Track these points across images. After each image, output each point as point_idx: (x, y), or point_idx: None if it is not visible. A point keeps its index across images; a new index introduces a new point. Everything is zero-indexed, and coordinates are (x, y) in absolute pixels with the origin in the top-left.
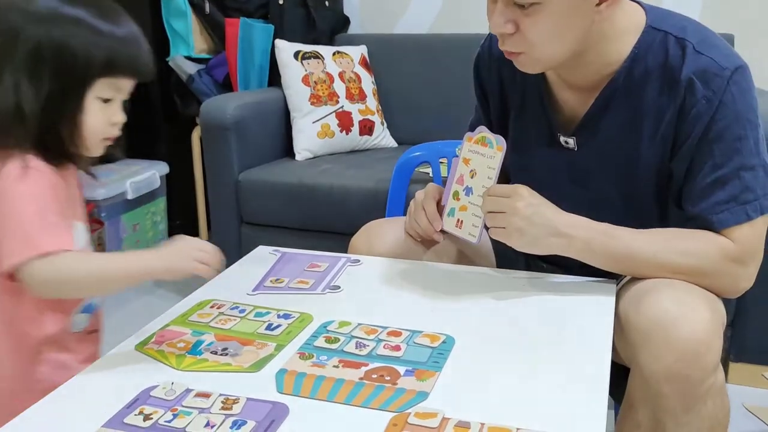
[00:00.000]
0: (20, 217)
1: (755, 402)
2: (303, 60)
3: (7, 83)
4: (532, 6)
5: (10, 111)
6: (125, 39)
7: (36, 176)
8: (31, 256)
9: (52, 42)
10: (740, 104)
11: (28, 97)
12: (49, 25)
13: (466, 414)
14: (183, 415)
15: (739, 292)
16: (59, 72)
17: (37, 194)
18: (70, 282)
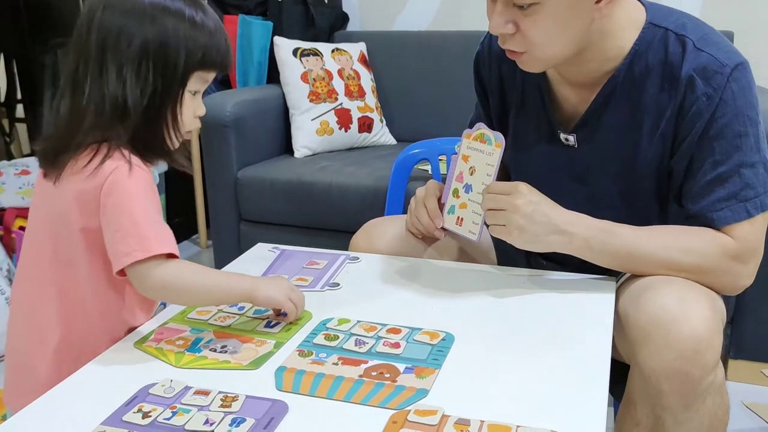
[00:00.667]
0: (132, 216)
1: (755, 399)
2: (302, 57)
3: (112, 78)
4: (531, 6)
5: (116, 106)
6: (215, 31)
7: (139, 173)
8: (147, 257)
9: (157, 37)
10: (740, 101)
11: (135, 94)
12: (155, 20)
13: (466, 411)
14: (182, 412)
15: (739, 290)
16: (163, 67)
17: (143, 192)
18: (180, 290)
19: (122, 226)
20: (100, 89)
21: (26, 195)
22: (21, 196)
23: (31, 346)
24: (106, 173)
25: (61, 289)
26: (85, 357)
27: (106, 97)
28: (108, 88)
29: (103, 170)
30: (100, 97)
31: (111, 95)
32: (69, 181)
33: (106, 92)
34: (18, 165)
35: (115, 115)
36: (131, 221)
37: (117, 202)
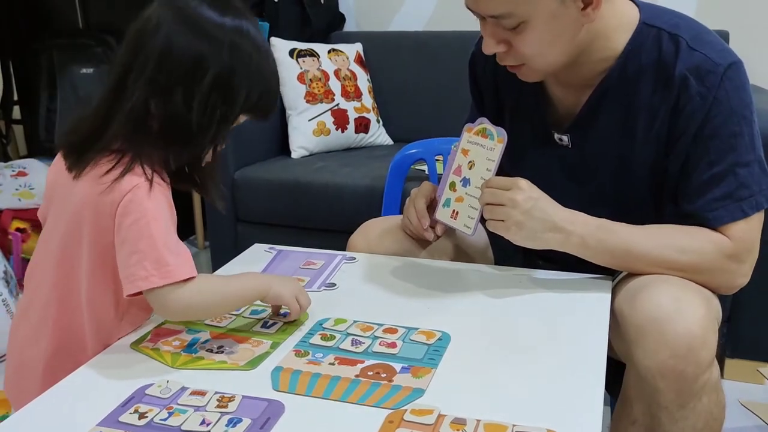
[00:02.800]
0: (152, 240)
1: (751, 398)
2: (298, 58)
3: (169, 98)
4: (519, 25)
5: (165, 126)
6: (272, 80)
7: (159, 192)
8: (167, 283)
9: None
10: (734, 100)
11: (189, 120)
12: (231, 54)
13: (462, 411)
14: (178, 413)
15: (735, 289)
16: (229, 101)
17: (161, 213)
18: (202, 308)
19: (139, 248)
20: (147, 100)
21: (23, 197)
22: (18, 198)
23: (29, 346)
24: (125, 190)
25: (61, 294)
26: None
27: (153, 112)
28: (161, 105)
29: (122, 186)
30: (145, 109)
31: (161, 113)
32: (87, 184)
33: (157, 108)
34: (15, 166)
35: (154, 129)
36: (150, 245)
37: (135, 223)
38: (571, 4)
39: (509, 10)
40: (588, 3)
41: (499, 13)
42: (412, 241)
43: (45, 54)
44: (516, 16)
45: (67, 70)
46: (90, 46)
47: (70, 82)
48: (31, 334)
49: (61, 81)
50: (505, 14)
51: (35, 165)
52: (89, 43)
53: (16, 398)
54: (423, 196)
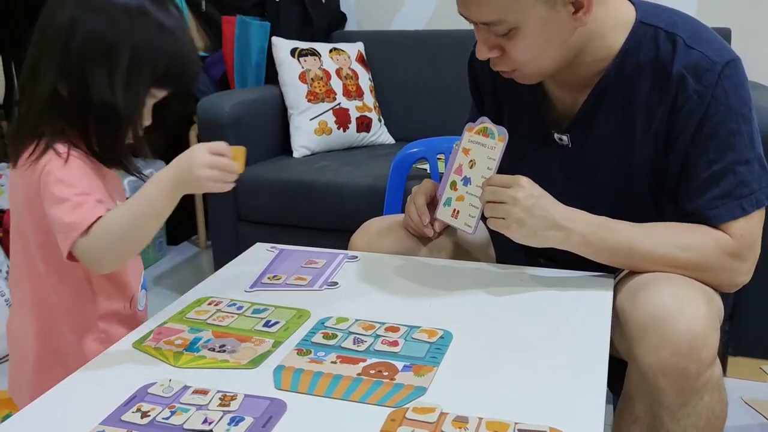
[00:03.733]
0: (62, 205)
1: (754, 395)
2: (300, 57)
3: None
4: (510, 31)
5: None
6: (178, 52)
7: (75, 165)
8: (75, 237)
9: (134, 46)
10: (733, 98)
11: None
12: (122, 26)
13: (465, 409)
14: (181, 411)
15: (737, 287)
16: (132, 75)
17: (77, 178)
18: (115, 243)
19: (55, 214)
20: (56, 84)
21: None
22: None
23: (20, 337)
24: (41, 168)
25: (30, 281)
26: (63, 349)
27: (60, 92)
28: (70, 87)
29: (39, 165)
30: (55, 92)
31: (72, 95)
32: (21, 170)
33: (64, 88)
34: None
35: (69, 111)
36: (61, 209)
37: (49, 192)
38: (561, 9)
39: (500, 17)
40: (579, 7)
41: (490, 20)
42: (413, 240)
43: None
44: (507, 22)
45: None
46: None
47: None
48: (19, 328)
49: None
50: (496, 21)
51: None
52: None
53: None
54: (423, 193)
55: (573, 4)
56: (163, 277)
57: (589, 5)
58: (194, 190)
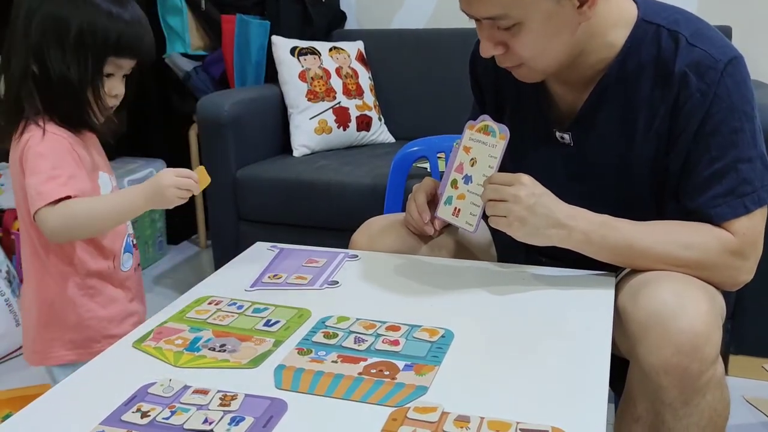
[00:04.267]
0: (36, 176)
1: (756, 394)
2: (299, 56)
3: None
4: (514, 26)
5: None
6: (131, 23)
7: (53, 138)
8: (40, 206)
9: (79, 26)
10: (735, 96)
11: (58, 71)
12: (78, 10)
13: (466, 408)
14: (181, 411)
15: (739, 285)
16: (84, 51)
17: (53, 153)
18: (77, 225)
19: (30, 184)
20: (26, 67)
21: None
22: None
23: (26, 301)
24: (24, 143)
25: (29, 246)
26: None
27: (30, 73)
28: (40, 65)
29: (21, 141)
30: (27, 73)
31: (42, 73)
32: (11, 149)
33: (32, 70)
34: None
35: (39, 89)
36: (36, 179)
37: (27, 165)
38: (566, 3)
39: (504, 12)
40: (584, 1)
41: (494, 15)
42: (414, 239)
43: None
44: (511, 17)
45: None
46: None
47: None
48: (25, 293)
49: None
50: (501, 15)
51: None
52: None
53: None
54: (424, 191)
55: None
56: (163, 277)
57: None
58: (164, 206)
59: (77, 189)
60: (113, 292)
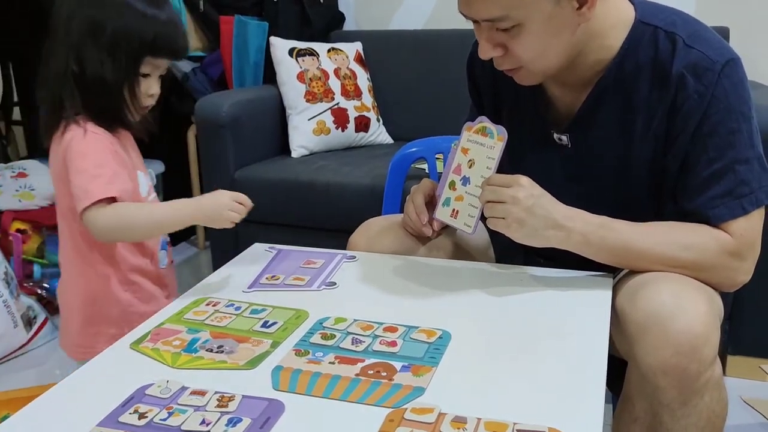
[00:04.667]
0: (80, 174)
1: (753, 395)
2: (298, 57)
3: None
4: (513, 28)
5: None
6: (166, 23)
7: (94, 137)
8: (87, 204)
9: (117, 27)
10: (732, 97)
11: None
12: (107, 9)
13: (463, 409)
14: (178, 413)
15: (737, 286)
16: (121, 52)
17: (95, 152)
18: (125, 228)
19: (74, 182)
20: (65, 68)
21: (23, 198)
22: (18, 199)
23: (62, 296)
24: (67, 142)
25: (72, 241)
26: (99, 298)
27: (69, 74)
28: (79, 67)
29: (64, 140)
30: (67, 74)
31: (81, 73)
32: (53, 147)
33: (71, 70)
34: (15, 168)
35: (78, 87)
36: (79, 177)
37: (71, 164)
38: (566, 4)
39: (504, 14)
40: (583, 2)
41: (493, 17)
42: (412, 240)
43: None
44: (510, 18)
45: None
46: None
47: None
48: (65, 289)
49: None
50: (501, 17)
51: (35, 166)
52: None
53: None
54: (422, 193)
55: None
56: None
57: (593, 0)
58: (215, 225)
59: (121, 189)
60: (152, 288)
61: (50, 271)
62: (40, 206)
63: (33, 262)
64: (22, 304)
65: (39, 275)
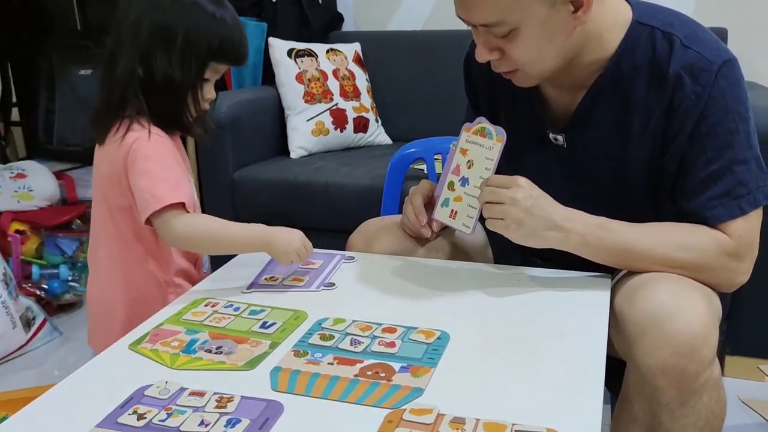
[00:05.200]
0: (148, 177)
1: (751, 395)
2: (297, 58)
3: (145, 61)
4: (510, 32)
5: (146, 83)
6: (233, 27)
7: (157, 140)
8: (157, 209)
9: (187, 30)
10: (730, 98)
11: (163, 74)
12: (178, 12)
13: (462, 410)
14: (177, 414)
15: (736, 287)
16: (187, 54)
17: (157, 155)
18: (198, 238)
19: (141, 185)
20: (132, 69)
21: (22, 198)
22: (17, 200)
23: (100, 293)
24: (130, 143)
25: (116, 240)
26: (143, 298)
27: (136, 75)
28: (146, 70)
29: (127, 140)
30: (134, 76)
31: (148, 76)
32: (108, 146)
33: (138, 71)
34: (14, 168)
35: (143, 90)
36: (148, 181)
37: (137, 166)
38: (561, 8)
39: (500, 18)
40: (579, 6)
41: (490, 22)
42: (411, 241)
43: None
44: (507, 23)
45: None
46: (88, 48)
47: (68, 83)
48: (103, 288)
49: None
50: (497, 22)
51: (34, 167)
52: (87, 45)
53: (97, 341)
54: (420, 194)
55: (573, 3)
56: None
57: (588, 4)
58: (276, 257)
59: (187, 194)
60: None
61: (49, 272)
62: (38, 207)
63: (32, 263)
64: (21, 305)
65: (38, 276)
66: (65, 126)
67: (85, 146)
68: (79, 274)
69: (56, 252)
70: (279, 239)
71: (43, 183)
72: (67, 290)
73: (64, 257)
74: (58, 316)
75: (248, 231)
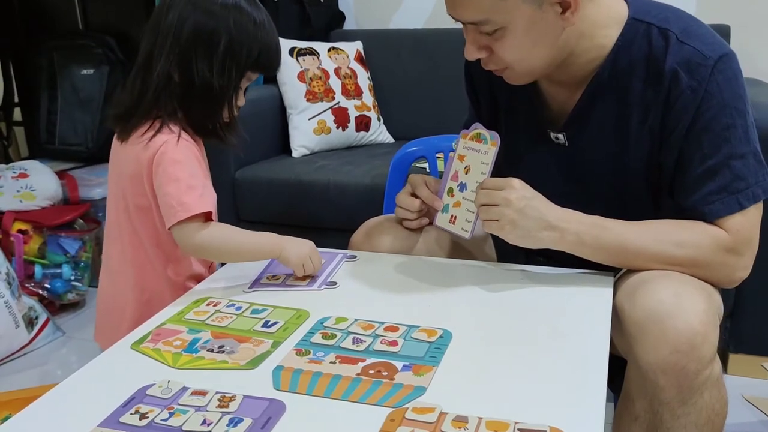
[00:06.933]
0: (177, 183)
1: (754, 392)
2: (298, 56)
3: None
4: (496, 31)
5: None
6: (270, 33)
7: (185, 145)
8: (183, 218)
9: (224, 34)
10: (726, 93)
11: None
12: (221, 16)
13: (464, 408)
14: (179, 413)
15: (736, 282)
16: (228, 60)
17: (186, 161)
18: (215, 249)
19: (168, 191)
20: (169, 71)
21: (24, 198)
22: (19, 200)
23: (111, 290)
24: (158, 146)
25: (130, 239)
26: (154, 299)
27: (173, 78)
28: (183, 73)
29: (155, 142)
30: (169, 79)
31: (184, 80)
32: (133, 145)
33: (175, 74)
34: (16, 168)
35: (178, 93)
36: (175, 187)
37: (164, 170)
38: (549, 9)
39: (486, 17)
40: (566, 7)
41: (476, 20)
42: (413, 239)
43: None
44: (493, 22)
45: (67, 71)
46: (90, 47)
47: (70, 82)
48: (114, 285)
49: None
50: (483, 21)
51: (36, 166)
52: (89, 44)
53: (104, 337)
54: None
55: (560, 4)
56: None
57: (576, 5)
58: (285, 263)
59: (212, 203)
60: None
61: (51, 271)
62: (41, 207)
63: (34, 262)
64: (23, 305)
65: (40, 276)
66: (67, 126)
67: (87, 146)
68: (81, 274)
69: (59, 251)
70: (291, 249)
71: (46, 183)
72: (70, 290)
73: (66, 257)
74: (60, 315)
75: (261, 241)
